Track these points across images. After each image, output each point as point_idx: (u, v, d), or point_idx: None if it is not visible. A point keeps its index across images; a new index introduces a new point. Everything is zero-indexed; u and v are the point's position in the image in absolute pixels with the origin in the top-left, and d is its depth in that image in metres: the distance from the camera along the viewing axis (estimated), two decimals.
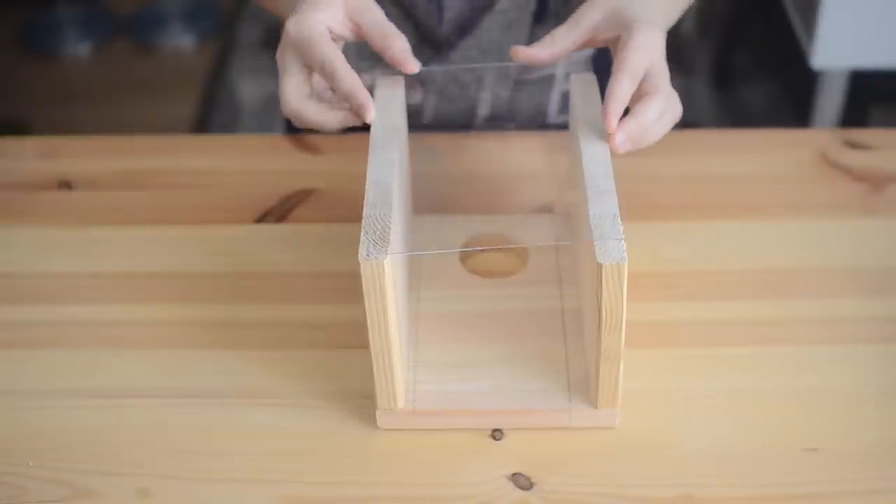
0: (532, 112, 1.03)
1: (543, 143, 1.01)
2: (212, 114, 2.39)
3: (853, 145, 1.01)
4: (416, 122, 1.03)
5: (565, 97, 1.03)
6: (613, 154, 0.75)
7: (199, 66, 2.43)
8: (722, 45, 2.60)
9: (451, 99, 1.01)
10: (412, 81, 1.00)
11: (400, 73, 0.79)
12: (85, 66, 2.43)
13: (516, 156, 1.00)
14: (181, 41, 2.45)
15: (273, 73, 0.80)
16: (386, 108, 0.79)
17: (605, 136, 0.75)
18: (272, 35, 2.72)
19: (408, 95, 0.97)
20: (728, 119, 2.46)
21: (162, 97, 2.31)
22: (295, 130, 1.01)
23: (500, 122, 1.03)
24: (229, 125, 2.47)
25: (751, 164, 0.99)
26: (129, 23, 2.49)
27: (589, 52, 1.01)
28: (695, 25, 2.74)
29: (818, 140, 1.03)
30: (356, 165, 0.74)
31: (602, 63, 1.02)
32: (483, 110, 1.02)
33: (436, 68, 0.97)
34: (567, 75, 1.01)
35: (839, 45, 1.74)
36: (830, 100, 1.89)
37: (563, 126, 0.81)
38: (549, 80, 1.01)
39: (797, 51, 1.84)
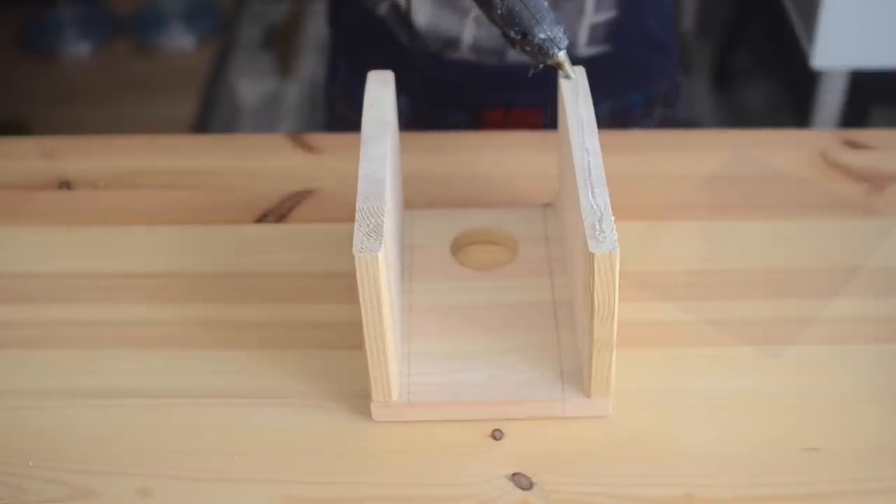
0: None
1: (543, 143, 1.01)
2: (212, 114, 2.39)
3: (853, 145, 1.01)
4: (454, 52, 1.04)
5: (594, 29, 1.04)
6: (608, 151, 0.75)
7: (199, 66, 2.43)
8: (722, 45, 2.60)
9: (488, 26, 1.02)
10: (453, 9, 1.01)
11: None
12: (85, 66, 2.43)
13: (516, 155, 1.00)
14: (181, 41, 2.45)
15: (273, 72, 0.80)
16: (377, 103, 0.80)
17: (595, 129, 0.75)
18: (272, 35, 2.73)
19: (448, 23, 0.99)
20: (728, 119, 2.46)
21: (162, 97, 2.31)
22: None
23: None
24: (229, 125, 2.47)
25: (750, 164, 0.99)
26: (129, 23, 2.49)
27: None
28: (695, 25, 2.74)
29: (818, 140, 1.03)
30: (356, 165, 0.75)
31: None
32: None
33: None
34: (596, 6, 1.02)
35: (839, 45, 1.74)
36: (830, 100, 1.89)
37: (593, 59, 0.82)
38: (579, 10, 1.02)
39: (797, 51, 1.84)
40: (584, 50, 1.05)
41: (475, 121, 1.09)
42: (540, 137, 1.02)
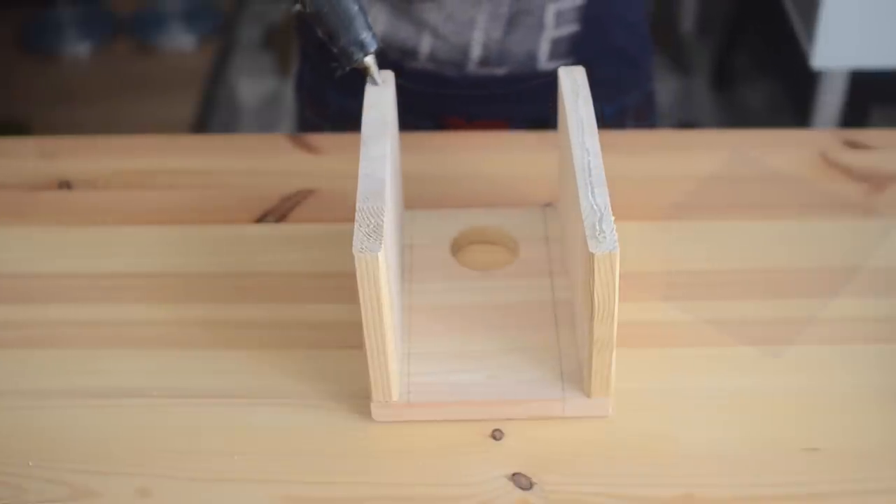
0: (523, 57, 1.04)
1: (543, 143, 1.01)
2: (212, 114, 2.39)
3: (853, 145, 1.01)
4: (412, 62, 1.04)
5: (556, 43, 1.04)
6: (608, 151, 0.75)
7: (199, 66, 2.43)
8: (722, 45, 2.60)
9: (444, 38, 1.02)
10: (409, 20, 1.01)
11: (391, 69, 0.79)
12: (85, 66, 2.43)
13: (516, 155, 1.00)
14: (181, 41, 2.45)
15: (273, 72, 0.81)
16: (377, 102, 0.80)
17: (595, 129, 0.75)
18: (272, 35, 2.73)
19: (405, 33, 0.99)
20: (728, 119, 2.46)
21: (162, 97, 2.31)
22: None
23: (490, 67, 1.04)
24: (229, 125, 2.47)
25: (750, 165, 0.99)
26: (129, 23, 2.49)
27: (580, 1, 1.02)
28: (695, 25, 2.74)
29: (818, 140, 1.03)
30: (356, 165, 0.75)
31: (591, 13, 1.02)
32: (475, 51, 1.03)
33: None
34: (556, 21, 1.02)
35: (839, 45, 1.74)
36: (830, 100, 1.89)
37: (555, 73, 0.82)
38: (538, 26, 1.02)
39: (797, 51, 1.84)
40: (546, 64, 1.05)
41: (438, 130, 1.09)
42: (540, 137, 1.02)
